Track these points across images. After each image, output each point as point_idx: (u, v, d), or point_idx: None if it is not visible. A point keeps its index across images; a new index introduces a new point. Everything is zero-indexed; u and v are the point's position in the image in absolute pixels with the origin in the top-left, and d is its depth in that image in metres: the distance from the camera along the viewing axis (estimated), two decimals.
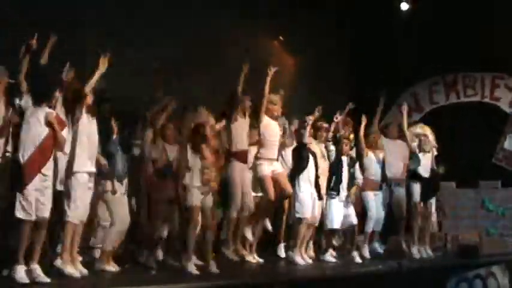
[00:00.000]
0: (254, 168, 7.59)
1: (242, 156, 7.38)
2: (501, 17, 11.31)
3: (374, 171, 8.92)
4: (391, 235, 9.34)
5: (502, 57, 11.45)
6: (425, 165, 8.96)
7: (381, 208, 8.94)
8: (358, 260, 8.31)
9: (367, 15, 11.88)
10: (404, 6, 12.16)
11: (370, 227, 8.86)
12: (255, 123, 7.67)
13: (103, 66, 5.94)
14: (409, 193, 9.01)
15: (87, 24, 8.16)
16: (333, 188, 8.20)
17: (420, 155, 8.93)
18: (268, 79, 7.53)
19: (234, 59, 9.46)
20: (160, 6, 8.98)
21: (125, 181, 6.57)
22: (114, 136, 6.51)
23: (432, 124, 11.19)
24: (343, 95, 12.20)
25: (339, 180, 8.23)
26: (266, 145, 7.59)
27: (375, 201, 8.87)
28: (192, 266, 6.42)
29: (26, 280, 5.25)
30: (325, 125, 8.60)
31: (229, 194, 7.31)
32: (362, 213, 8.82)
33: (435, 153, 9.13)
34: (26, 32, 5.55)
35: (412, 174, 8.95)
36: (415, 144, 9.03)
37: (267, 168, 7.52)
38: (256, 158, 7.58)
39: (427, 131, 9.07)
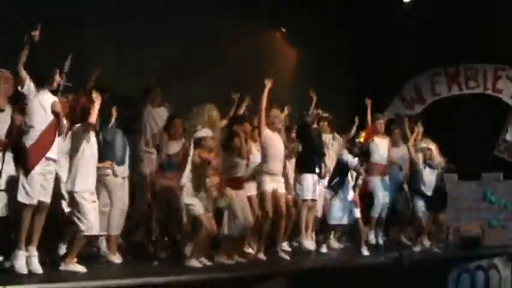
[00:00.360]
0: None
1: (236, 184, 7.05)
2: (503, 9, 11.29)
3: (379, 155, 8.98)
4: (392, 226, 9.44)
5: (505, 49, 11.44)
6: (429, 182, 8.89)
7: (387, 193, 8.97)
8: (366, 253, 8.31)
9: (369, 7, 11.90)
10: None
11: (376, 212, 8.89)
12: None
13: (97, 100, 5.87)
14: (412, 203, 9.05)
15: (87, 24, 8.19)
16: (333, 187, 8.27)
17: (426, 171, 8.86)
18: (266, 92, 7.40)
19: (234, 59, 9.56)
20: (160, 6, 9.00)
21: (126, 165, 6.67)
22: (113, 121, 6.58)
23: (434, 116, 11.28)
24: (344, 87, 12.33)
25: (342, 181, 8.25)
26: (268, 159, 7.42)
27: (381, 185, 8.92)
28: (195, 261, 6.49)
29: (25, 270, 5.28)
30: (326, 115, 8.69)
31: (234, 219, 7.03)
32: (368, 199, 8.88)
33: (440, 170, 9.01)
34: (26, 32, 5.60)
35: (416, 190, 8.96)
36: (419, 158, 8.93)
37: (269, 185, 7.37)
38: (259, 172, 7.41)
39: (432, 145, 8.95)
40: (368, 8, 11.81)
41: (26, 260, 5.37)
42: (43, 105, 5.52)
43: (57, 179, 5.84)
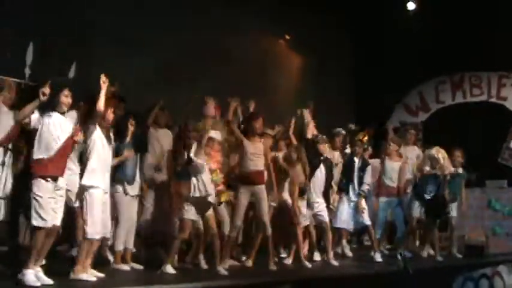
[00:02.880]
0: None
1: (246, 179, 7.11)
2: (508, 17, 11.29)
3: (389, 177, 8.94)
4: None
5: (509, 57, 11.44)
6: (432, 189, 8.74)
7: (397, 214, 8.92)
8: (379, 259, 8.30)
9: (374, 15, 11.93)
10: (411, 6, 12.22)
11: (377, 233, 8.85)
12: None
13: (104, 84, 5.80)
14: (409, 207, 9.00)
15: (90, 26, 8.24)
16: (342, 188, 8.26)
17: (430, 178, 8.73)
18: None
19: (235, 60, 9.57)
20: (161, 8, 9.06)
21: (137, 184, 6.68)
22: (128, 139, 6.57)
23: (438, 123, 11.26)
24: (348, 94, 12.34)
25: (349, 181, 8.28)
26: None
27: (386, 207, 8.88)
28: (170, 268, 6.47)
29: (37, 283, 5.30)
30: (343, 132, 8.66)
31: (233, 215, 7.18)
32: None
33: (448, 177, 8.84)
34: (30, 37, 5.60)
35: (416, 193, 8.89)
36: (427, 167, 8.81)
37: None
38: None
39: (440, 155, 8.86)
40: (372, 16, 11.84)
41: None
42: (51, 131, 5.49)
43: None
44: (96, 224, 5.84)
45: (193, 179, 6.51)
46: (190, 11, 9.48)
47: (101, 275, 5.99)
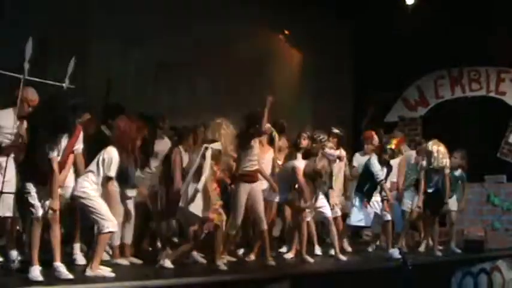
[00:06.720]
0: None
1: (249, 178, 7.19)
2: (507, 11, 11.28)
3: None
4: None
5: (508, 51, 11.43)
6: (431, 183, 8.72)
7: (395, 210, 8.90)
8: (396, 255, 8.19)
9: (372, 9, 11.90)
10: (409, 1, 12.19)
11: (376, 228, 8.90)
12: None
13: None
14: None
15: (91, 25, 8.24)
16: (367, 194, 8.23)
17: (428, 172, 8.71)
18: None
19: (236, 59, 9.56)
20: (163, 7, 9.04)
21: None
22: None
23: (437, 118, 11.25)
24: (347, 89, 12.34)
25: (374, 187, 8.24)
26: None
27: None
28: (168, 262, 6.48)
29: (40, 278, 5.26)
30: (336, 131, 8.66)
31: (232, 214, 7.17)
32: None
33: (447, 171, 8.79)
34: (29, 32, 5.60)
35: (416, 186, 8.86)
36: (424, 162, 8.77)
37: None
38: None
39: (437, 148, 8.80)
40: (371, 11, 11.82)
41: (54, 271, 5.40)
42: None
43: None
44: (111, 216, 5.84)
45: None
46: (189, 9, 9.45)
47: (108, 269, 5.96)
